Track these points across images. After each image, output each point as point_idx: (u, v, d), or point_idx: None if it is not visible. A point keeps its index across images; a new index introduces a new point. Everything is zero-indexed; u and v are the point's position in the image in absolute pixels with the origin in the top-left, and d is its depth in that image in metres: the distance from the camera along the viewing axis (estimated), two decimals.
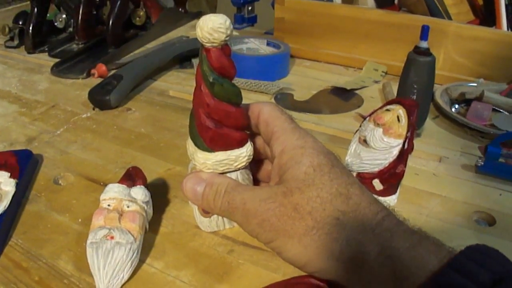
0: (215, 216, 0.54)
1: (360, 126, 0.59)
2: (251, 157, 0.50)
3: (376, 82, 0.99)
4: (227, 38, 0.43)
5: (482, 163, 0.67)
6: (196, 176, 0.47)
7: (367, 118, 0.58)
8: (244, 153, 0.49)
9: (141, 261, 0.51)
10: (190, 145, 0.50)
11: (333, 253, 0.39)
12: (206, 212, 0.54)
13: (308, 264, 0.40)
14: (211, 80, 0.44)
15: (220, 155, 0.48)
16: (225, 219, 0.55)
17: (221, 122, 0.46)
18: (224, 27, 0.42)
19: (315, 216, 0.39)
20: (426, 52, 0.70)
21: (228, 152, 0.48)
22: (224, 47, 0.44)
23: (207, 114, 0.46)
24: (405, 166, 0.56)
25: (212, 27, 0.41)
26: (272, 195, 0.41)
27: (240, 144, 0.48)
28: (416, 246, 0.37)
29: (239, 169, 0.50)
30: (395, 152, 0.56)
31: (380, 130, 0.56)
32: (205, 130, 0.46)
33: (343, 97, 0.92)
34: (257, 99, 0.91)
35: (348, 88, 0.94)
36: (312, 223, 0.39)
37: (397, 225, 0.39)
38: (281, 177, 0.43)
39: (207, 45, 0.43)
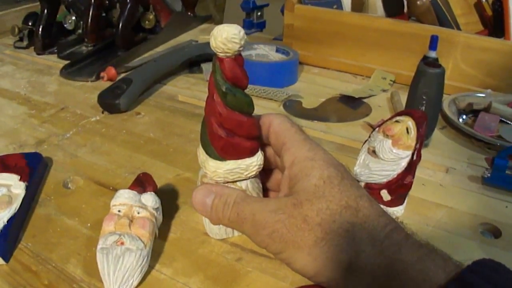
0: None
1: (369, 136, 0.59)
2: (262, 166, 0.50)
3: (384, 91, 0.99)
4: (240, 48, 0.43)
5: (489, 174, 0.67)
6: (205, 188, 0.47)
7: (376, 129, 0.59)
8: (254, 162, 0.49)
9: (151, 267, 0.51)
10: (201, 153, 0.50)
11: (341, 265, 0.39)
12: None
13: (317, 275, 0.41)
14: (223, 89, 0.45)
15: (231, 164, 0.48)
16: None
17: (233, 131, 0.47)
18: (238, 37, 0.42)
19: (324, 228, 0.40)
20: (436, 64, 0.71)
21: (239, 161, 0.48)
22: (238, 57, 0.44)
23: (219, 124, 0.46)
24: (413, 178, 0.57)
25: (226, 37, 0.42)
26: (281, 206, 0.42)
27: (251, 153, 0.49)
28: (424, 260, 0.37)
29: (249, 178, 0.50)
30: (404, 163, 0.56)
31: (389, 141, 0.56)
32: (217, 139, 0.47)
33: (351, 105, 0.92)
34: (265, 105, 0.91)
35: (356, 96, 0.94)
36: (322, 234, 0.40)
37: (405, 238, 0.39)
38: (291, 189, 0.44)
39: (221, 54, 0.43)
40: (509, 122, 0.83)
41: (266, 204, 0.43)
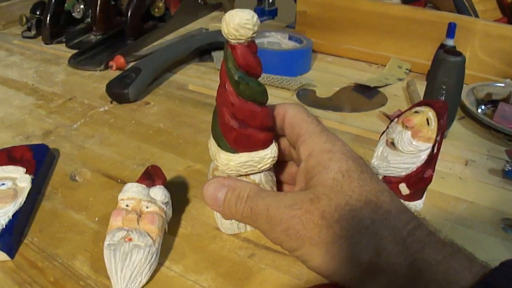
0: None
1: (388, 127, 0.57)
2: (276, 158, 0.48)
3: (400, 80, 0.96)
4: (254, 35, 0.41)
5: (510, 167, 0.65)
6: (217, 182, 0.45)
7: (395, 120, 0.56)
8: (268, 154, 0.47)
9: (160, 264, 0.50)
10: (213, 145, 0.48)
11: (361, 264, 0.37)
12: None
13: (334, 273, 0.39)
14: (236, 78, 0.43)
15: (244, 157, 0.46)
16: None
17: (246, 122, 0.45)
18: (251, 23, 0.40)
19: (343, 225, 0.38)
20: (456, 52, 0.68)
21: (252, 153, 0.47)
22: (251, 44, 0.42)
23: (232, 114, 0.45)
24: (433, 171, 0.54)
25: (238, 23, 0.40)
26: (297, 201, 0.40)
27: (265, 145, 0.47)
28: (449, 260, 0.35)
29: (263, 171, 0.48)
30: (424, 156, 0.54)
31: (409, 133, 0.54)
32: (229, 130, 0.45)
33: (366, 95, 0.90)
34: (278, 95, 0.89)
35: (371, 85, 0.91)
36: (340, 231, 0.38)
37: (428, 236, 0.37)
38: (308, 182, 0.42)
39: (233, 41, 0.41)
40: None
41: (281, 198, 0.41)
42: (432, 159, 0.54)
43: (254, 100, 0.44)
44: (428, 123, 0.54)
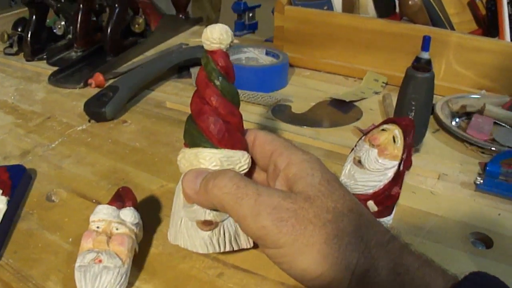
0: (217, 230, 0.50)
1: (355, 146, 0.58)
2: (250, 163, 0.50)
3: (377, 93, 0.97)
4: (231, 43, 0.48)
5: (482, 181, 0.66)
6: (197, 170, 0.46)
7: (362, 138, 0.57)
8: (246, 155, 0.49)
9: (130, 284, 0.50)
10: (188, 153, 0.49)
11: (349, 265, 0.38)
12: (206, 224, 0.49)
13: (323, 276, 0.38)
14: (219, 78, 0.47)
15: (226, 151, 0.48)
16: (226, 236, 0.50)
17: (227, 119, 0.48)
18: (230, 32, 0.47)
19: (336, 225, 0.39)
20: (425, 68, 0.69)
21: (233, 150, 0.48)
22: (227, 53, 0.48)
23: (215, 109, 0.47)
24: (400, 188, 0.55)
25: (220, 30, 0.46)
26: (291, 195, 0.40)
27: (243, 145, 0.49)
28: (425, 267, 0.37)
29: (241, 172, 0.49)
30: (390, 174, 0.54)
31: (375, 151, 0.54)
32: (213, 123, 0.47)
33: (342, 109, 0.91)
34: (253, 111, 0.90)
35: (347, 100, 0.92)
36: (334, 231, 0.38)
37: (404, 246, 0.40)
38: (292, 187, 0.42)
39: (215, 46, 0.47)
40: (503, 124, 0.81)
41: (273, 190, 0.41)
42: (398, 177, 0.55)
43: (232, 100, 0.48)
44: (394, 141, 0.54)
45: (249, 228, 0.40)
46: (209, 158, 0.47)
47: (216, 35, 0.46)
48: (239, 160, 0.48)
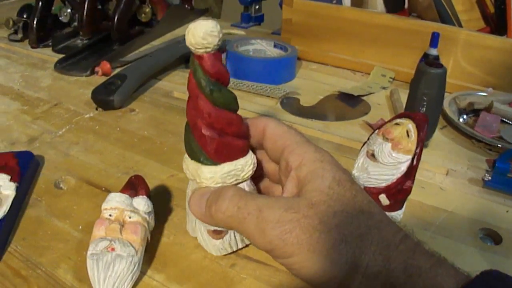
0: (227, 236, 0.51)
1: (368, 139, 0.58)
2: (256, 165, 0.49)
3: (384, 88, 0.97)
4: (219, 42, 0.42)
5: (490, 177, 0.66)
6: (202, 190, 0.45)
7: (376, 132, 0.57)
8: (249, 161, 0.48)
9: (142, 273, 0.50)
10: (190, 164, 0.48)
11: (359, 269, 0.38)
12: (216, 233, 0.51)
13: (332, 280, 0.38)
14: (209, 87, 0.43)
15: (227, 166, 0.46)
16: (238, 236, 0.52)
17: (224, 130, 0.45)
18: (216, 30, 0.41)
19: (343, 230, 0.38)
20: (437, 63, 0.69)
21: (234, 162, 0.47)
22: (216, 53, 0.43)
23: (209, 124, 0.45)
24: (413, 183, 0.55)
25: (205, 32, 0.40)
26: (293, 205, 0.39)
27: (244, 152, 0.48)
28: (437, 267, 0.37)
29: (245, 179, 0.48)
30: (403, 168, 0.54)
31: (389, 144, 0.54)
32: (209, 141, 0.45)
33: (350, 103, 0.91)
34: (262, 103, 0.90)
35: (355, 94, 0.92)
36: (340, 236, 0.38)
37: (417, 245, 0.39)
38: (301, 190, 0.41)
39: (201, 51, 0.41)
40: (510, 122, 0.82)
41: (275, 201, 0.40)
42: (411, 171, 0.54)
43: (228, 108, 0.45)
44: (408, 135, 0.54)
45: (257, 244, 0.40)
46: (210, 177, 0.46)
47: (198, 40, 0.40)
48: (242, 169, 0.47)
